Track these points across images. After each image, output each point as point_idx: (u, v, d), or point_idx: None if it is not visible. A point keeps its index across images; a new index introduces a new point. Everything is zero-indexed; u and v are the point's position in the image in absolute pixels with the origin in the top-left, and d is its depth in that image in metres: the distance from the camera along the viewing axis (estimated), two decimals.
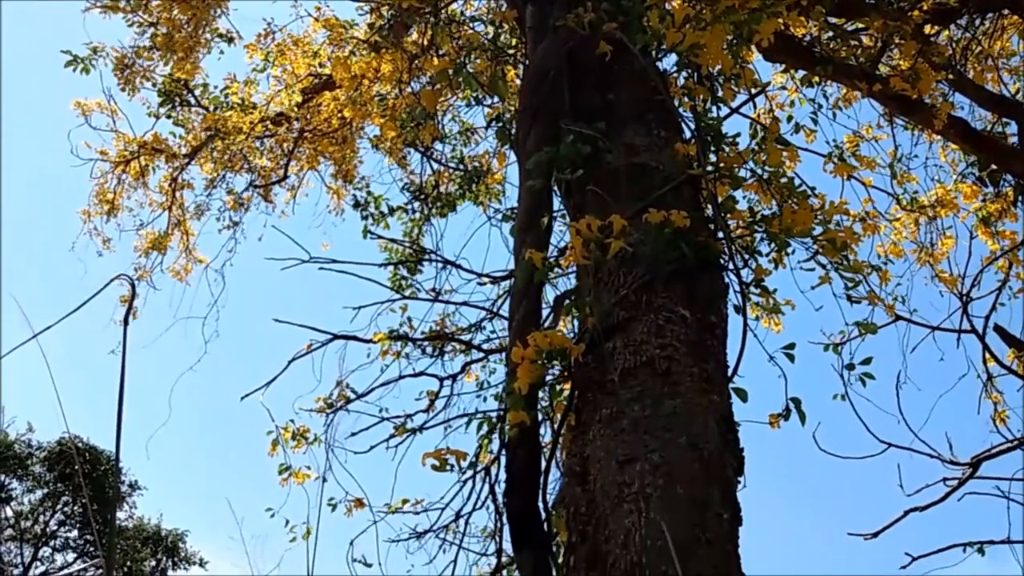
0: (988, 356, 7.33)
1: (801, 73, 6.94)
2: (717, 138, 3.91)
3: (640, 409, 2.96)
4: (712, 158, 3.84)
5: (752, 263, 3.61)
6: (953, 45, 7.68)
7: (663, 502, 2.70)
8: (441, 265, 6.78)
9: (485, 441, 4.61)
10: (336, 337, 5.85)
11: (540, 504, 3.27)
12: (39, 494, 23.63)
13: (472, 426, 4.54)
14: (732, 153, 3.89)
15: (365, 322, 6.16)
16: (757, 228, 3.68)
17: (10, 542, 23.32)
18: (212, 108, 8.75)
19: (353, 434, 5.66)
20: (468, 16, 7.29)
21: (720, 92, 4.21)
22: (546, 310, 4.24)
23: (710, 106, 4.16)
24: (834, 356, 5.39)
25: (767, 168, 3.91)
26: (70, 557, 23.78)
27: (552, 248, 4.29)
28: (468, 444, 5.10)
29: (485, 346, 6.27)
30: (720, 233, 3.56)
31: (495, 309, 6.24)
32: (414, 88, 7.45)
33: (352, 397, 5.94)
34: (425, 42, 7.27)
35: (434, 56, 7.03)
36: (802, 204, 3.75)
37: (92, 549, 22.63)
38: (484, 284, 6.29)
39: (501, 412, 4.24)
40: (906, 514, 6.71)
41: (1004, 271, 7.57)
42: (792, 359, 3.52)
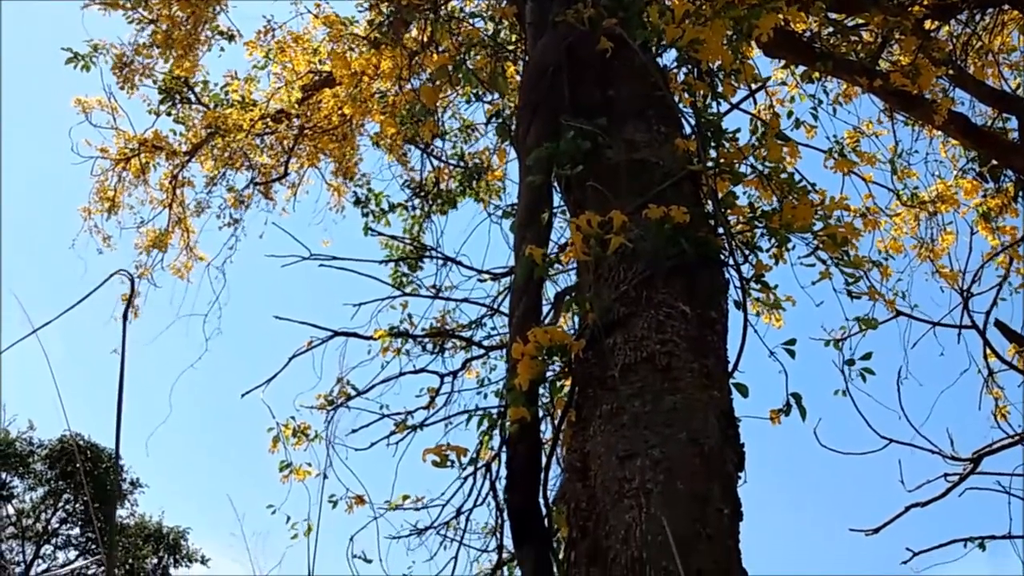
0: (989, 351, 7.33)
1: (801, 69, 6.93)
2: (717, 134, 3.91)
3: (640, 405, 2.96)
4: (712, 154, 3.84)
5: (752, 259, 3.60)
6: (953, 40, 7.68)
7: (663, 498, 2.70)
8: (441, 262, 6.80)
9: (486, 437, 4.62)
10: (337, 334, 5.86)
11: (541, 500, 3.27)
12: (40, 492, 23.68)
13: (473, 422, 4.56)
14: (732, 149, 3.89)
15: (366, 319, 6.16)
16: (757, 224, 3.68)
17: (12, 540, 23.35)
18: (212, 106, 8.75)
19: (354, 431, 5.67)
20: (468, 12, 7.29)
21: (720, 88, 4.21)
22: (546, 306, 4.24)
23: (710, 102, 4.15)
24: (835, 352, 5.42)
25: (767, 164, 3.90)
26: (72, 555, 23.82)
27: (552, 244, 4.29)
28: (469, 441, 5.09)
29: (486, 342, 6.27)
30: (720, 229, 3.55)
31: (495, 305, 6.24)
32: (414, 85, 7.44)
33: (353, 394, 5.94)
34: (425, 39, 7.27)
35: (434, 52, 7.03)
36: (802, 200, 3.74)
37: (94, 547, 22.65)
38: (484, 280, 6.29)
39: (502, 408, 4.24)
40: (907, 510, 6.72)
41: (1005, 267, 7.57)
42: (793, 355, 3.52)
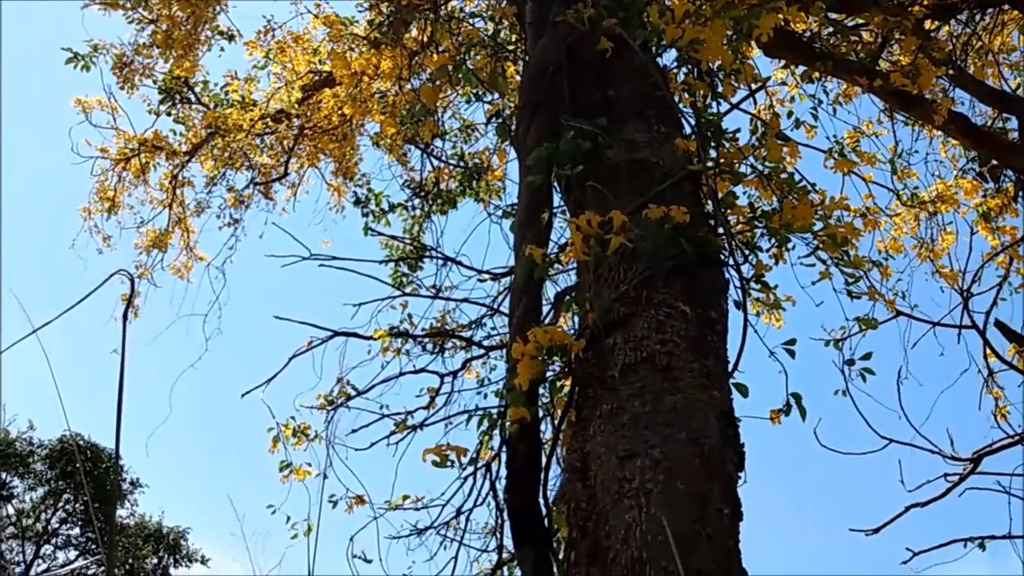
0: (989, 351, 7.33)
1: (801, 69, 6.93)
2: (717, 134, 3.90)
3: (640, 405, 2.96)
4: (712, 154, 3.84)
5: (752, 259, 3.60)
6: (953, 40, 7.68)
7: (663, 497, 2.70)
8: (441, 262, 6.80)
9: (486, 437, 4.62)
10: (337, 334, 5.86)
11: (541, 500, 3.27)
12: (40, 492, 23.67)
13: (473, 422, 4.56)
14: (732, 149, 3.89)
15: (366, 319, 6.16)
16: (757, 224, 3.68)
17: (12, 540, 23.35)
18: (212, 106, 8.75)
19: (354, 431, 5.68)
20: (468, 12, 7.29)
21: (720, 88, 4.21)
22: (546, 307, 4.24)
23: (710, 102, 4.15)
24: (835, 352, 5.42)
25: (767, 164, 3.90)
26: (72, 555, 23.82)
27: (552, 244, 4.29)
28: (469, 441, 5.09)
29: (486, 343, 6.27)
30: (720, 229, 3.55)
31: (495, 306, 6.25)
32: (414, 85, 7.44)
33: (353, 394, 5.94)
34: (425, 38, 7.27)
35: (434, 52, 7.03)
36: (802, 200, 3.74)
37: (94, 547, 22.65)
38: (484, 281, 6.29)
39: (502, 408, 4.24)
40: (907, 510, 6.72)
41: (1005, 267, 7.57)
42: (793, 355, 3.52)
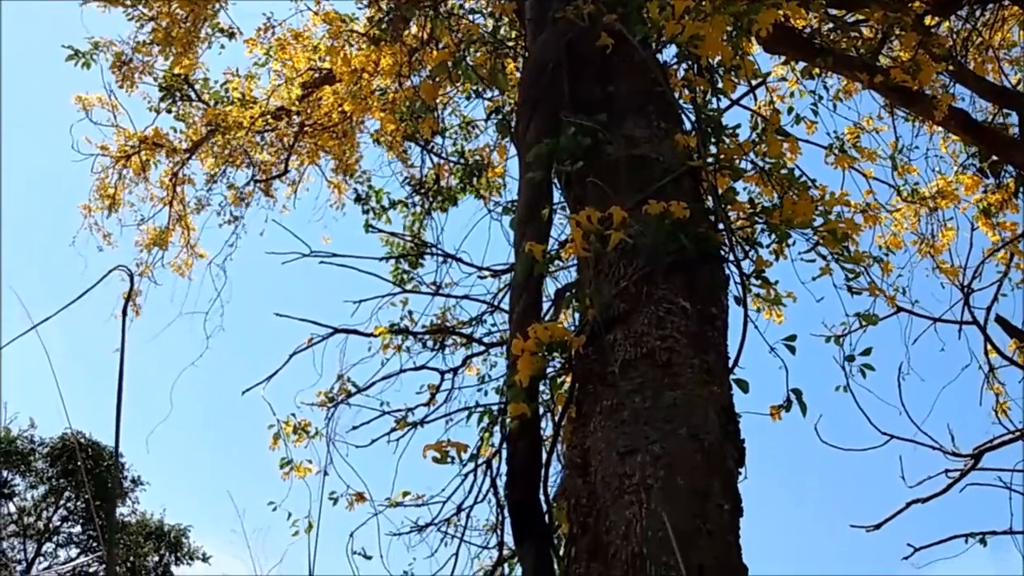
0: (990, 347, 7.33)
1: (801, 65, 6.93)
2: (717, 130, 3.90)
3: (641, 400, 2.96)
4: (712, 149, 3.84)
5: (753, 254, 3.60)
6: (953, 36, 7.67)
7: (664, 493, 2.70)
8: (442, 259, 6.79)
9: (486, 434, 4.62)
10: (337, 331, 5.86)
11: (541, 496, 3.27)
12: (42, 490, 23.68)
13: (473, 419, 4.55)
14: (732, 145, 3.88)
15: (366, 316, 6.17)
16: (758, 220, 3.68)
17: (13, 538, 23.36)
18: (213, 103, 8.75)
19: (354, 428, 5.68)
20: (467, 9, 7.29)
21: (720, 84, 4.20)
22: (547, 303, 4.24)
23: (710, 98, 4.15)
24: (836, 348, 5.40)
25: (767, 160, 3.90)
26: (73, 552, 23.83)
27: (553, 241, 4.29)
28: (469, 437, 5.09)
29: (486, 339, 6.27)
30: (720, 225, 3.55)
31: (496, 302, 6.25)
32: (414, 82, 7.44)
33: (353, 391, 5.94)
34: (425, 35, 7.26)
35: (434, 49, 7.02)
36: (803, 195, 3.74)
37: (95, 544, 22.65)
38: (485, 278, 6.30)
39: (502, 405, 4.24)
40: (908, 505, 6.72)
41: (1005, 263, 7.57)
42: (793, 351, 3.52)
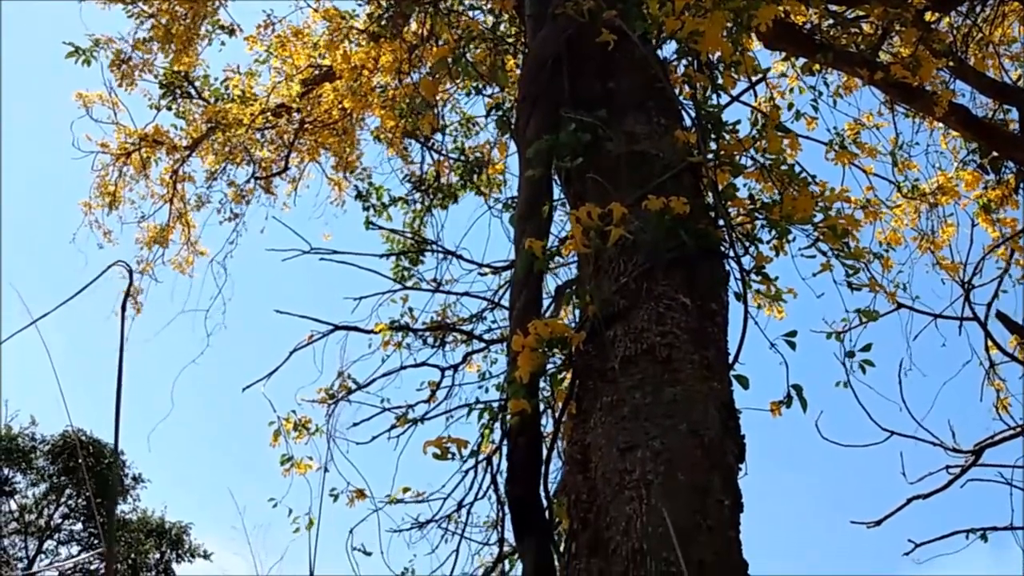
0: (990, 343, 7.33)
1: (802, 61, 6.93)
2: (717, 126, 3.90)
3: (641, 396, 2.96)
4: (712, 146, 3.83)
5: (753, 250, 3.60)
6: (954, 32, 7.66)
7: (664, 489, 2.70)
8: (442, 255, 6.79)
9: (487, 431, 4.62)
10: (337, 328, 5.87)
11: (542, 492, 3.27)
12: (43, 487, 23.70)
13: (473, 416, 4.55)
14: (732, 141, 3.88)
15: (366, 313, 6.18)
16: (758, 215, 3.68)
17: (14, 535, 23.38)
18: (213, 100, 8.75)
19: (355, 424, 5.69)
20: (467, 5, 7.28)
21: (720, 80, 4.20)
22: (547, 300, 4.24)
23: (710, 94, 4.15)
24: (836, 344, 5.39)
25: (768, 156, 3.90)
26: (74, 550, 23.85)
27: (553, 238, 4.29)
28: (470, 434, 5.10)
29: (486, 336, 6.28)
30: (721, 221, 3.55)
31: (496, 299, 6.25)
32: (414, 78, 7.44)
33: (353, 388, 5.95)
34: (424, 32, 7.26)
35: (433, 46, 7.02)
36: (803, 191, 3.74)
37: (96, 542, 22.66)
38: (485, 274, 6.30)
39: (502, 401, 4.24)
40: (909, 502, 6.71)
41: (1005, 259, 7.56)
42: (793, 346, 3.51)
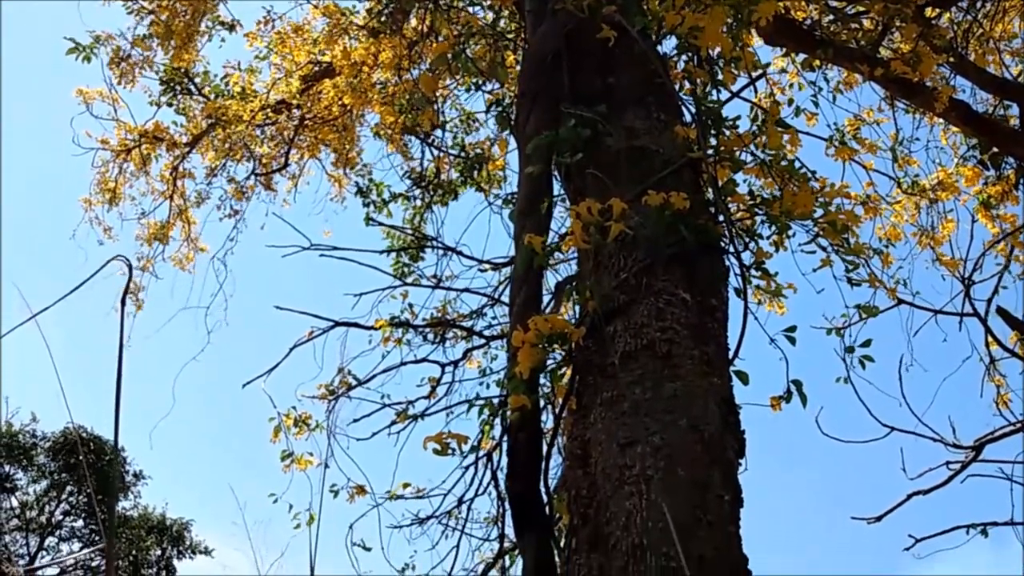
0: (990, 339, 7.33)
1: (802, 57, 6.92)
2: (717, 121, 3.90)
3: (641, 392, 2.96)
4: (712, 141, 3.83)
5: (753, 246, 3.60)
6: (954, 28, 7.66)
7: (664, 484, 2.70)
8: (442, 252, 6.79)
9: (487, 427, 4.62)
10: (337, 324, 5.86)
11: (542, 488, 3.28)
12: (44, 484, 23.71)
13: (474, 412, 4.55)
14: (732, 136, 3.88)
15: (366, 309, 6.17)
16: (758, 211, 3.68)
17: (16, 532, 23.39)
18: (213, 97, 8.74)
19: (355, 420, 5.69)
20: (467, 1, 7.27)
21: (720, 75, 4.20)
22: (547, 296, 4.24)
23: (710, 89, 4.14)
24: (837, 340, 5.40)
25: (768, 151, 3.90)
26: (76, 547, 23.87)
27: (553, 234, 4.29)
28: (470, 430, 5.12)
29: (486, 332, 6.27)
30: (720, 216, 3.55)
31: (496, 295, 6.25)
32: (414, 75, 7.43)
33: (354, 384, 5.95)
34: (424, 28, 7.26)
35: (433, 42, 7.02)
36: (803, 187, 3.74)
37: (97, 539, 22.67)
38: (485, 271, 6.29)
39: (503, 397, 4.25)
40: (909, 497, 6.71)
41: (1005, 255, 7.56)
42: (793, 342, 3.51)
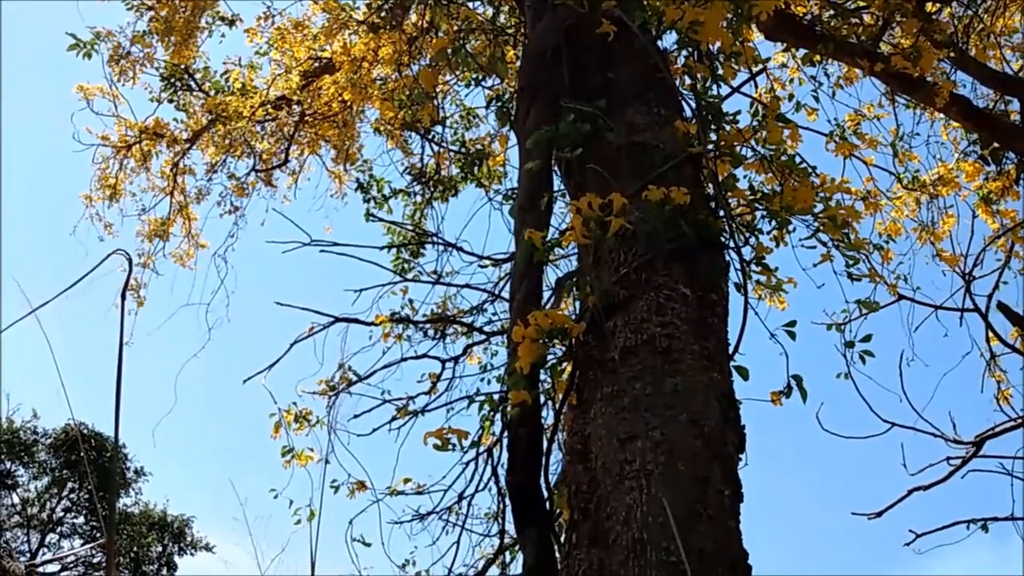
0: (991, 334, 7.32)
1: (802, 52, 6.91)
2: (718, 116, 3.89)
3: (641, 387, 2.96)
4: (713, 136, 3.83)
5: (753, 241, 3.60)
6: (955, 23, 7.64)
7: (664, 479, 2.70)
8: (442, 247, 6.79)
9: (487, 422, 4.62)
10: (338, 320, 5.86)
11: (542, 483, 3.28)
12: (45, 481, 23.74)
13: (474, 407, 4.55)
14: (733, 131, 3.88)
15: (367, 305, 6.18)
16: (758, 206, 3.68)
17: (16, 529, 23.43)
18: (213, 93, 8.74)
19: (355, 416, 5.69)
20: None
21: (720, 70, 4.19)
22: (547, 291, 4.24)
23: (710, 84, 4.14)
24: (837, 336, 5.40)
25: (768, 146, 3.90)
26: (77, 543, 23.91)
27: (553, 229, 4.29)
28: (470, 426, 5.10)
29: (487, 328, 6.27)
30: (721, 211, 3.55)
31: (496, 291, 6.24)
32: (413, 70, 7.43)
33: (354, 379, 5.95)
34: (424, 23, 7.25)
35: (433, 37, 7.01)
36: (803, 182, 3.74)
37: (98, 535, 22.72)
38: (485, 266, 6.29)
39: (503, 393, 4.25)
40: (909, 493, 6.73)
41: (1005, 251, 7.56)
42: (793, 337, 3.52)
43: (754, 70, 4.91)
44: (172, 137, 9.02)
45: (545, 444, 3.37)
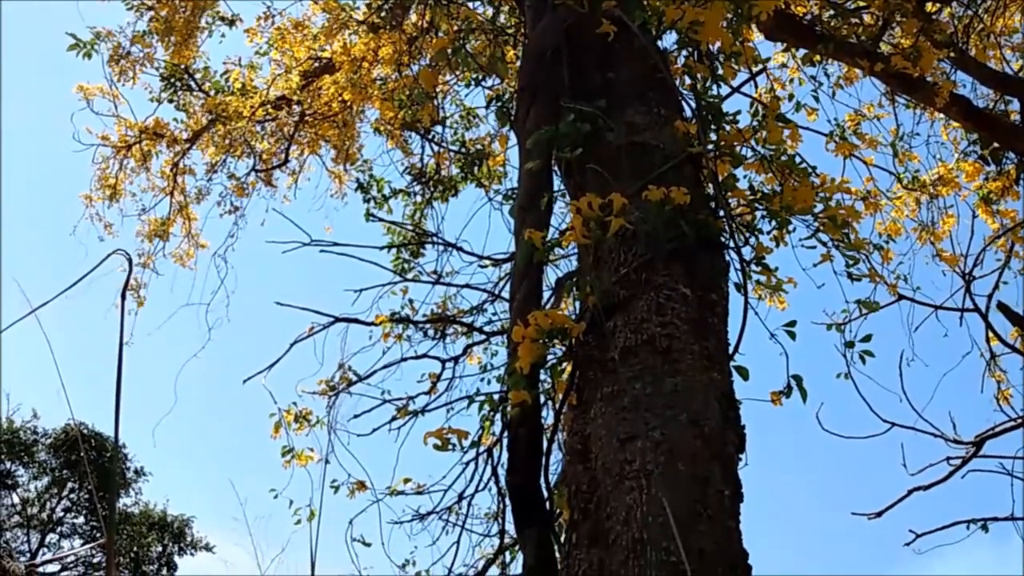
0: (991, 335, 7.32)
1: (802, 52, 6.91)
2: (718, 116, 3.89)
3: (641, 387, 2.96)
4: (713, 136, 3.83)
5: (753, 241, 3.60)
6: (955, 23, 7.64)
7: (664, 479, 2.70)
8: (442, 247, 6.79)
9: (487, 422, 4.62)
10: (338, 320, 5.86)
11: (542, 483, 3.27)
12: (45, 481, 23.74)
13: (474, 407, 4.55)
14: (733, 131, 3.88)
15: (367, 305, 6.18)
16: (758, 206, 3.67)
17: (17, 529, 23.43)
18: (213, 92, 8.74)
19: (355, 416, 5.69)
20: None
21: (720, 70, 4.19)
22: (548, 291, 4.24)
23: (710, 84, 4.14)
24: (837, 336, 5.40)
25: (768, 146, 3.90)
26: (77, 543, 23.91)
27: (553, 229, 4.29)
28: (470, 426, 5.10)
29: (487, 328, 6.27)
30: (721, 211, 3.55)
31: (496, 291, 6.24)
32: (414, 70, 7.43)
33: (354, 379, 5.95)
34: (424, 23, 7.25)
35: (433, 37, 7.01)
36: (803, 182, 3.74)
37: (98, 535, 22.72)
38: (486, 266, 6.29)
39: (503, 393, 4.25)
40: (909, 493, 6.73)
41: (1005, 251, 7.56)
42: (793, 337, 3.52)
43: (754, 70, 4.91)
44: (172, 137, 9.02)
45: (545, 444, 3.37)
